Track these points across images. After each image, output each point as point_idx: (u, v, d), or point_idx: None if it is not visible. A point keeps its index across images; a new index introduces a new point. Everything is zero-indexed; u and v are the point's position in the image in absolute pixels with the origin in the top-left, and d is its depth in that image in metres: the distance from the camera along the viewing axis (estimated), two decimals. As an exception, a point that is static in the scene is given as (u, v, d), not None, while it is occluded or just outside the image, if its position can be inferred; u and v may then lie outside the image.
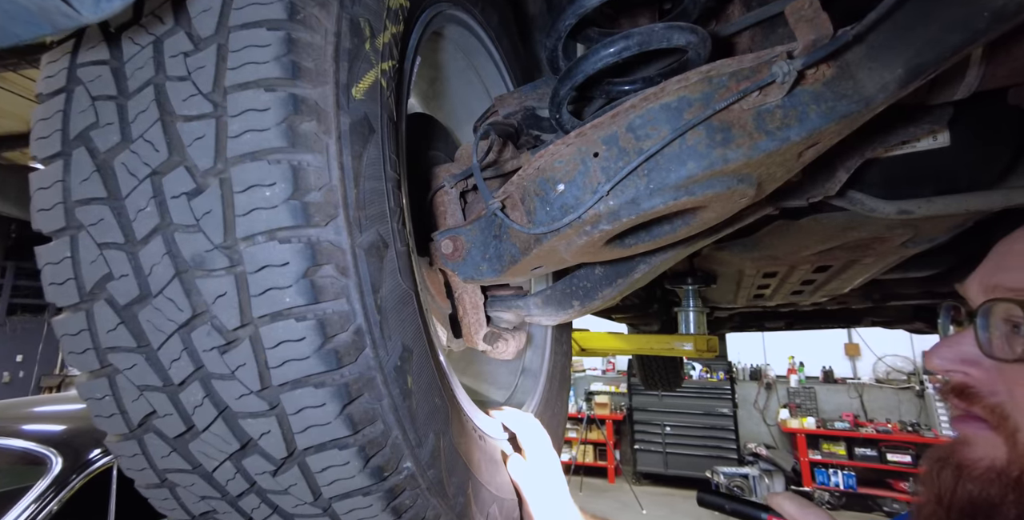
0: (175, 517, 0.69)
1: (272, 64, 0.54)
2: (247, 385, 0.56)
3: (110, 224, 0.56)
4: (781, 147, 0.57)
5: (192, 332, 0.56)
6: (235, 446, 0.59)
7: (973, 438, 0.56)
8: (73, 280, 0.58)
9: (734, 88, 0.58)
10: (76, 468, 2.32)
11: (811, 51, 0.54)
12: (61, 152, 0.58)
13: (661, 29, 0.67)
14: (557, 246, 0.74)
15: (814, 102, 0.57)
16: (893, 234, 1.21)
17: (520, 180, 0.73)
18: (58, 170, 0.58)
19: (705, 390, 9.92)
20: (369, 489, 0.61)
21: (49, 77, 0.60)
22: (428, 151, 1.10)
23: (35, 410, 3.09)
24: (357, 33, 0.62)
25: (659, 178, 0.60)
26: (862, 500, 8.84)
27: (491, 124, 1.05)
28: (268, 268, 0.54)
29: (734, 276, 1.84)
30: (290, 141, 0.54)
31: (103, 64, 0.58)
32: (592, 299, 1.00)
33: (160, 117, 0.56)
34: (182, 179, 0.55)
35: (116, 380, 0.60)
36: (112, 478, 2.38)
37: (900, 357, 9.46)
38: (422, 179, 1.05)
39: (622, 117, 0.62)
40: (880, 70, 0.56)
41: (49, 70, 0.61)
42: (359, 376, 0.58)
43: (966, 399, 0.56)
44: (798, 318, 3.52)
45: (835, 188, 0.88)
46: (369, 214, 0.60)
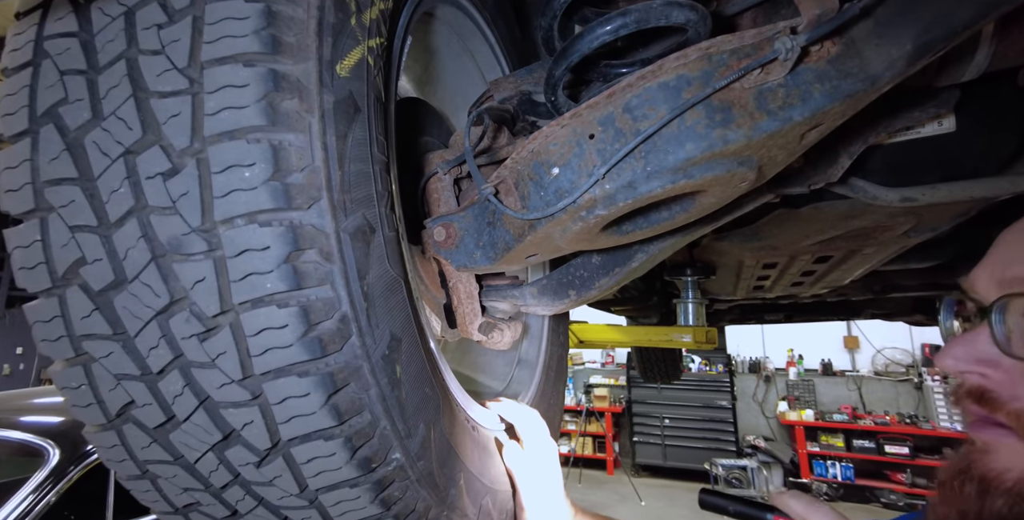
0: (158, 509, 0.68)
1: (251, 38, 0.52)
2: (228, 374, 0.54)
3: (82, 206, 0.54)
4: (783, 128, 0.55)
5: (170, 319, 0.54)
6: (217, 437, 0.57)
7: (995, 446, 0.51)
8: (44, 264, 0.56)
9: (735, 66, 0.55)
10: (74, 459, 2.31)
11: (815, 26, 0.52)
12: (28, 130, 0.56)
13: (660, 6, 0.64)
14: (552, 232, 0.71)
15: (818, 81, 0.55)
16: (895, 223, 1.19)
17: (514, 164, 0.70)
18: (26, 149, 0.56)
19: (704, 383, 9.94)
20: (356, 481, 0.59)
21: (15, 50, 0.58)
22: (421, 137, 1.07)
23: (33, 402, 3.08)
24: (342, 8, 0.59)
25: (656, 160, 0.58)
26: (860, 491, 8.89)
27: (485, 109, 1.02)
28: (248, 252, 0.51)
29: (734, 267, 1.83)
30: (270, 119, 0.51)
31: (72, 36, 0.56)
32: (589, 289, 0.98)
33: (133, 93, 0.53)
34: (157, 159, 0.52)
35: (92, 369, 0.58)
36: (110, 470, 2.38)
37: (899, 350, 9.47)
38: (415, 165, 1.03)
39: (618, 97, 0.59)
40: (887, 46, 0.54)
41: (14, 43, 0.58)
42: (345, 365, 0.56)
43: (985, 404, 0.51)
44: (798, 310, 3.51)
45: (837, 174, 0.86)
46: (355, 197, 0.58)
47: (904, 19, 0.53)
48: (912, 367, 9.37)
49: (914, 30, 0.53)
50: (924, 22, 0.52)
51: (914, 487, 8.47)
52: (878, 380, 9.52)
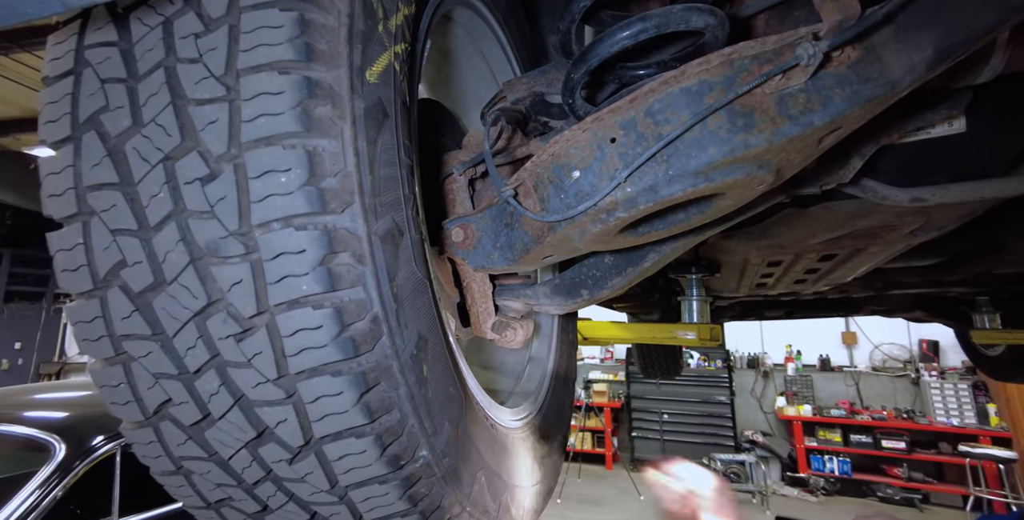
0: (190, 504, 0.69)
1: (286, 46, 0.53)
2: (264, 373, 0.56)
3: (123, 210, 0.56)
4: (804, 132, 0.56)
5: (208, 320, 0.55)
6: (251, 434, 0.59)
7: None
8: (86, 267, 0.57)
9: (756, 71, 0.57)
10: (80, 454, 2.34)
11: (837, 32, 0.53)
12: (71, 136, 0.57)
13: (680, 11, 0.66)
14: (571, 234, 0.73)
15: (838, 86, 0.57)
16: (903, 222, 1.20)
17: (534, 167, 0.72)
18: (68, 155, 0.57)
19: (703, 378, 9.98)
20: (386, 477, 0.61)
21: (56, 59, 0.59)
22: (434, 138, 1.08)
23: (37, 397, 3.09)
24: (370, 14, 0.60)
25: (678, 164, 0.59)
26: (856, 486, 8.94)
27: (500, 110, 1.03)
28: (284, 255, 0.53)
29: (738, 265, 1.84)
30: (305, 126, 0.53)
31: (111, 46, 0.57)
32: (601, 288, 1.00)
33: (172, 101, 0.55)
34: (195, 164, 0.54)
35: (131, 368, 0.59)
36: (116, 464, 2.40)
37: (897, 345, 9.50)
38: (429, 166, 1.04)
39: (641, 101, 0.61)
40: (908, 51, 0.55)
41: (55, 52, 0.59)
42: (376, 365, 0.57)
43: None
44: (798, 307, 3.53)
45: (849, 175, 0.88)
46: (384, 201, 0.59)
47: (925, 24, 0.55)
48: (909, 363, 9.41)
49: (935, 35, 0.54)
50: (945, 27, 0.54)
51: (910, 481, 8.52)
52: (875, 376, 9.56)
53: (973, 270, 2.15)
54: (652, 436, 10.06)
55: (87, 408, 2.70)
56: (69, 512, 2.50)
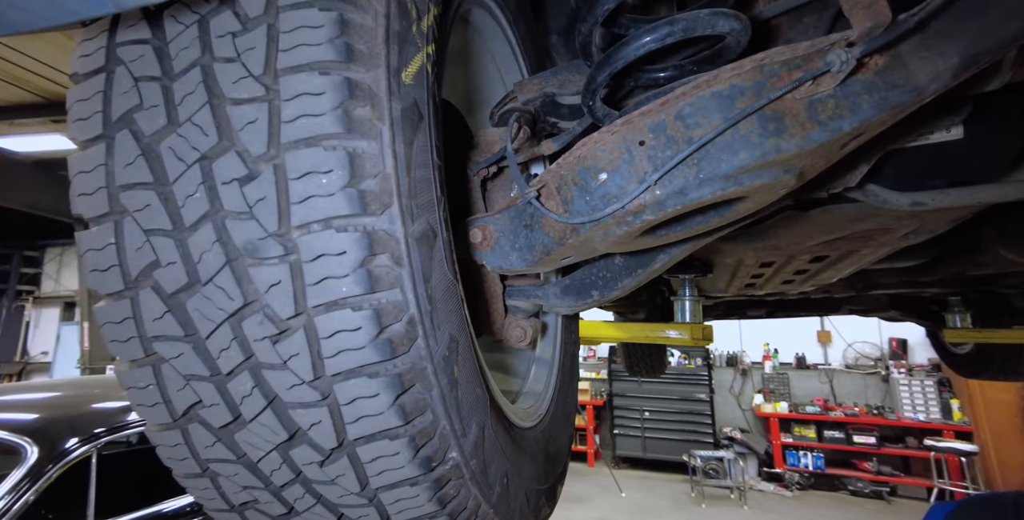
0: (212, 507, 0.68)
1: (326, 46, 0.52)
2: (299, 375, 0.54)
3: (157, 210, 0.54)
4: (832, 138, 0.57)
5: (243, 321, 0.54)
6: (283, 436, 0.58)
7: None
8: (117, 267, 0.56)
9: (786, 77, 0.58)
10: (52, 458, 2.23)
11: (868, 39, 0.54)
12: (103, 135, 0.55)
13: (707, 15, 0.66)
14: (594, 236, 0.73)
15: (866, 92, 0.57)
16: (899, 226, 1.23)
17: (557, 169, 0.71)
18: (100, 153, 0.55)
19: (683, 376, 10.08)
20: (417, 479, 0.60)
21: (85, 56, 0.57)
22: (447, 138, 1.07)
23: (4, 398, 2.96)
24: (405, 15, 0.59)
25: (710, 168, 0.60)
26: (829, 480, 9.12)
27: (512, 110, 1.03)
28: (324, 257, 0.52)
29: (732, 266, 1.87)
30: (346, 127, 0.52)
31: (145, 43, 0.55)
32: (612, 289, 1.00)
33: (208, 100, 0.53)
34: (233, 164, 0.52)
35: (161, 369, 0.57)
36: (92, 468, 2.31)
37: (868, 344, 9.72)
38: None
39: (671, 105, 0.61)
40: (934, 59, 0.56)
41: (85, 48, 0.57)
42: (411, 366, 0.57)
43: None
44: (781, 307, 3.60)
45: (855, 180, 0.89)
46: (420, 203, 0.59)
47: (952, 33, 0.56)
48: (880, 360, 9.63)
49: (961, 43, 0.55)
50: (971, 35, 0.55)
51: (879, 475, 8.74)
52: (848, 373, 9.77)
53: (950, 271, 2.21)
54: (633, 433, 10.13)
55: (58, 409, 2.60)
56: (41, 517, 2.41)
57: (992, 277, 2.47)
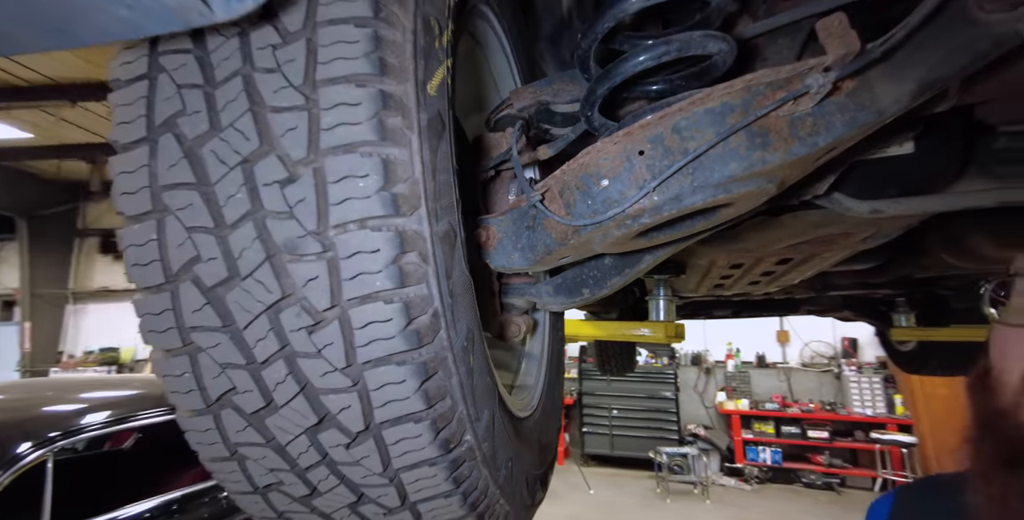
0: (236, 489, 0.70)
1: (362, 60, 0.56)
2: (332, 363, 0.58)
3: (199, 209, 0.57)
4: (810, 152, 0.64)
5: (280, 313, 0.57)
6: (313, 420, 0.61)
7: None
8: (159, 262, 0.58)
9: (771, 96, 0.64)
10: (3, 464, 2.10)
11: (842, 65, 0.61)
12: (147, 138, 0.58)
13: (699, 37, 0.72)
14: (593, 237, 0.78)
15: (839, 112, 0.64)
16: (859, 230, 1.33)
17: (561, 174, 0.77)
18: (143, 155, 0.58)
19: (650, 375, 10.29)
20: (435, 460, 0.64)
21: (127, 63, 0.59)
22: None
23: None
24: (429, 31, 0.64)
25: (703, 176, 0.66)
26: (786, 473, 9.45)
27: (508, 117, 1.08)
28: (360, 254, 0.56)
29: (704, 267, 1.96)
30: (381, 135, 0.56)
31: (187, 53, 0.58)
32: (602, 288, 1.06)
33: (250, 107, 0.56)
34: (274, 168, 0.56)
35: (198, 358, 0.60)
36: (47, 473, 2.19)
37: (823, 343, 10.11)
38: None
39: (669, 119, 0.67)
40: (895, 85, 0.64)
41: (126, 57, 0.59)
42: (435, 355, 0.61)
43: None
44: (746, 307, 3.74)
45: (823, 188, 0.97)
46: (443, 205, 0.63)
47: (911, 62, 0.63)
48: (833, 359, 10.03)
49: (919, 72, 0.63)
50: (927, 65, 0.62)
51: (831, 467, 9.12)
52: (804, 371, 10.14)
53: (898, 274, 2.36)
54: (602, 431, 10.27)
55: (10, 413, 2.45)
56: (-9, 526, 2.29)
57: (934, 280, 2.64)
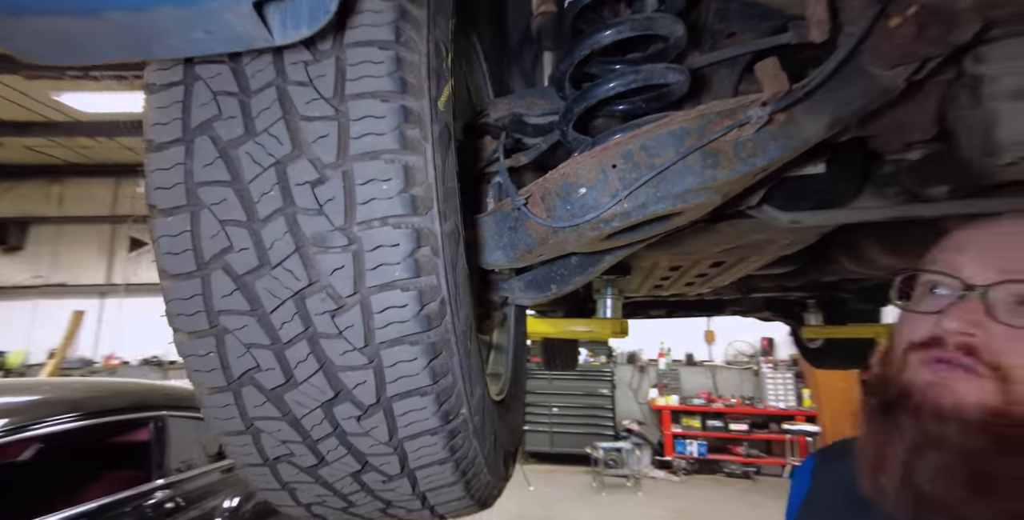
0: (246, 461, 0.75)
1: (386, 79, 0.63)
2: (352, 343, 0.65)
3: (233, 204, 0.62)
4: (750, 171, 0.77)
5: (306, 299, 0.63)
6: (329, 395, 0.67)
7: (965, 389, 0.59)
8: (191, 251, 0.63)
9: (720, 123, 0.76)
10: None
11: (775, 101, 0.74)
12: (182, 139, 0.62)
13: (661, 68, 0.84)
14: (568, 238, 0.88)
15: (772, 139, 0.78)
16: (781, 237, 1.51)
17: (544, 182, 0.86)
18: (179, 155, 0.62)
19: (589, 373, 10.61)
20: (436, 430, 0.72)
21: (162, 69, 0.63)
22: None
23: None
24: (438, 53, 0.72)
25: (665, 188, 0.77)
26: (710, 465, 10.01)
27: (486, 125, 1.17)
28: (382, 248, 0.63)
29: (647, 269, 2.12)
30: (402, 144, 0.63)
31: (221, 63, 0.63)
32: (567, 284, 1.16)
33: (283, 115, 0.62)
34: (306, 170, 0.62)
35: (224, 339, 0.65)
36: None
37: (745, 342, 10.80)
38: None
39: (638, 138, 0.78)
40: (815, 119, 0.78)
41: (162, 63, 0.64)
42: (441, 337, 0.69)
43: (970, 354, 0.60)
44: (680, 307, 4.00)
45: (755, 201, 1.13)
46: (449, 207, 0.71)
47: (825, 102, 0.78)
48: (753, 357, 10.74)
49: (830, 110, 0.77)
50: (836, 105, 0.77)
51: (749, 457, 9.78)
52: (728, 368, 10.79)
53: (809, 277, 2.64)
54: (542, 429, 10.45)
55: None
56: None
57: (838, 283, 2.95)
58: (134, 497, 2.72)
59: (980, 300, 0.61)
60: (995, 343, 0.59)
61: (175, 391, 3.54)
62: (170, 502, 2.89)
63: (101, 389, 3.10)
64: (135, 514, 2.68)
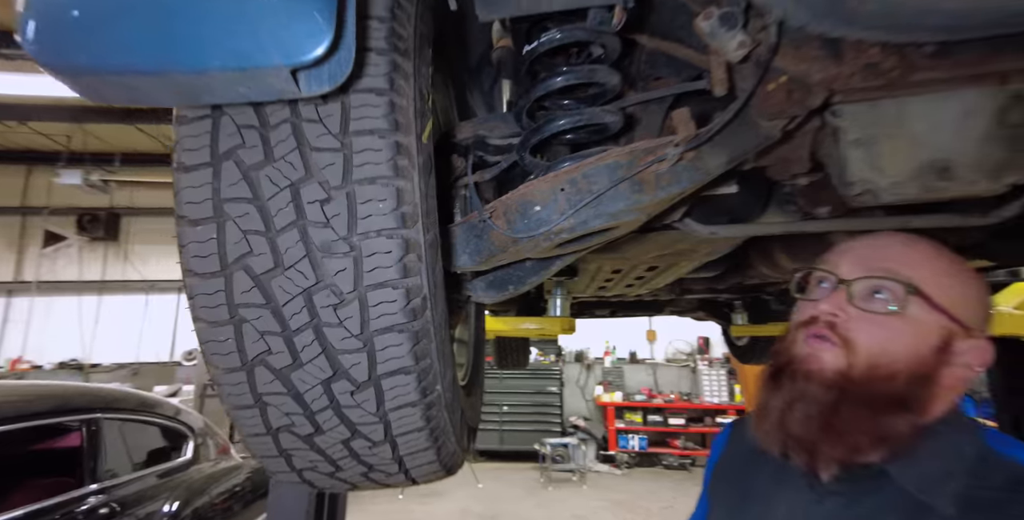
0: (251, 431, 0.87)
1: (382, 119, 0.78)
2: (350, 331, 0.79)
3: (254, 217, 0.75)
4: (668, 196, 0.96)
5: (314, 295, 0.77)
6: (329, 374, 0.81)
7: (821, 354, 0.76)
8: (216, 254, 0.75)
9: (644, 159, 0.95)
10: None
11: (687, 142, 0.94)
12: (210, 162, 0.75)
13: (600, 111, 1.03)
14: (526, 246, 1.05)
15: (685, 172, 0.97)
16: (703, 246, 1.75)
17: (506, 199, 1.03)
18: (207, 175, 0.75)
19: (538, 372, 10.87)
20: (416, 403, 0.87)
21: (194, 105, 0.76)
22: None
23: None
24: (422, 97, 0.87)
25: (602, 208, 0.95)
26: (650, 458, 10.46)
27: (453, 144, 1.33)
28: (377, 254, 0.77)
29: (592, 271, 2.32)
30: (395, 172, 0.78)
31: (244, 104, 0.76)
32: (523, 284, 1.33)
33: (297, 146, 0.76)
34: (316, 190, 0.76)
35: (241, 327, 0.78)
36: None
37: (683, 341, 11.35)
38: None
39: (581, 169, 0.96)
40: (716, 155, 0.98)
41: (193, 99, 0.76)
42: (423, 327, 0.84)
43: (832, 329, 0.76)
44: (622, 307, 4.27)
45: (678, 216, 1.33)
46: (430, 221, 0.86)
47: (724, 143, 0.98)
48: (691, 355, 11.31)
49: (727, 150, 0.97)
50: (731, 146, 0.98)
51: (685, 450, 10.29)
52: (668, 366, 11.31)
53: (734, 281, 2.93)
54: (492, 427, 10.60)
55: None
56: None
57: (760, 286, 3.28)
58: (64, 503, 2.64)
59: (845, 290, 0.78)
60: (850, 323, 0.77)
61: (111, 393, 3.44)
62: (104, 508, 2.81)
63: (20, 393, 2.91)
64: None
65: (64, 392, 3.09)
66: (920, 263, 0.77)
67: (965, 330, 0.74)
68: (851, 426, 0.74)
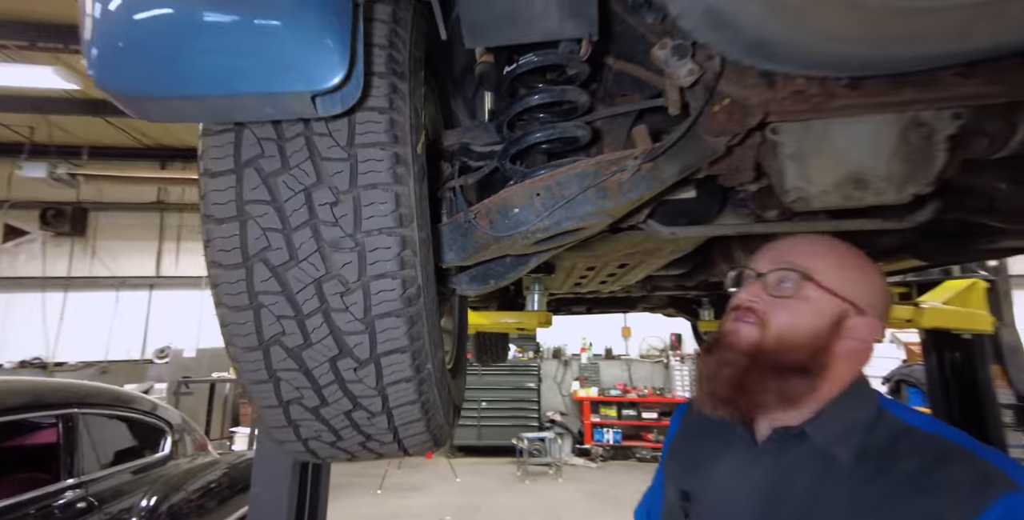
0: (265, 404, 0.98)
1: (383, 134, 0.90)
2: (355, 315, 0.91)
3: (272, 217, 0.87)
4: (629, 201, 1.10)
5: (323, 284, 0.89)
6: (335, 352, 0.93)
7: (740, 331, 0.91)
8: (239, 248, 0.87)
9: (609, 169, 1.09)
10: None
11: (645, 155, 1.08)
12: (233, 169, 0.86)
13: (572, 126, 1.17)
14: (506, 244, 1.19)
15: (643, 180, 1.12)
16: (667, 245, 1.90)
17: (489, 202, 1.16)
18: (231, 181, 0.86)
19: (517, 368, 11.03)
20: (410, 378, 1.00)
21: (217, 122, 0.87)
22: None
23: None
24: (416, 114, 1.00)
25: (572, 211, 1.09)
26: (624, 451, 10.70)
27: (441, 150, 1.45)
28: (379, 249, 0.90)
29: (568, 268, 2.47)
30: (394, 179, 0.90)
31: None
32: (503, 279, 1.47)
33: (310, 156, 0.88)
34: (326, 194, 0.88)
35: (260, 312, 0.89)
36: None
37: (656, 337, 11.63)
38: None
39: (555, 176, 1.09)
40: (670, 166, 1.12)
41: (220, 114, 0.87)
42: (417, 312, 0.96)
43: (751, 312, 0.91)
44: (596, 303, 4.44)
45: (643, 218, 1.48)
46: (423, 221, 0.99)
47: (675, 156, 1.13)
48: (664, 351, 11.60)
49: (678, 162, 1.12)
50: (684, 158, 1.12)
51: (658, 443, 10.55)
52: (642, 362, 11.59)
53: (700, 278, 3.12)
54: (470, 423, 10.71)
55: None
56: None
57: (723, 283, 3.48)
58: (41, 498, 2.63)
59: (761, 280, 0.94)
60: (766, 307, 0.93)
61: (87, 388, 3.44)
62: (81, 502, 2.81)
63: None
64: (41, 515, 2.59)
65: (37, 387, 3.08)
66: (817, 256, 0.93)
67: (857, 310, 0.90)
68: (759, 387, 0.89)
